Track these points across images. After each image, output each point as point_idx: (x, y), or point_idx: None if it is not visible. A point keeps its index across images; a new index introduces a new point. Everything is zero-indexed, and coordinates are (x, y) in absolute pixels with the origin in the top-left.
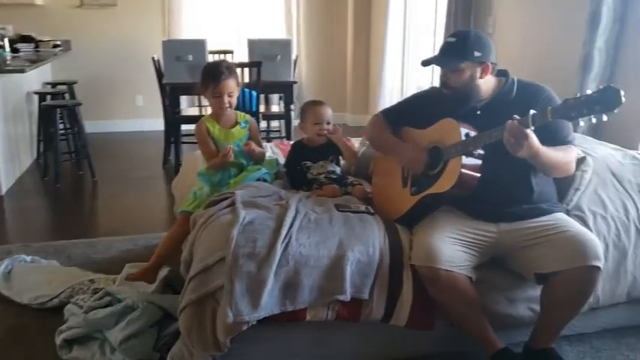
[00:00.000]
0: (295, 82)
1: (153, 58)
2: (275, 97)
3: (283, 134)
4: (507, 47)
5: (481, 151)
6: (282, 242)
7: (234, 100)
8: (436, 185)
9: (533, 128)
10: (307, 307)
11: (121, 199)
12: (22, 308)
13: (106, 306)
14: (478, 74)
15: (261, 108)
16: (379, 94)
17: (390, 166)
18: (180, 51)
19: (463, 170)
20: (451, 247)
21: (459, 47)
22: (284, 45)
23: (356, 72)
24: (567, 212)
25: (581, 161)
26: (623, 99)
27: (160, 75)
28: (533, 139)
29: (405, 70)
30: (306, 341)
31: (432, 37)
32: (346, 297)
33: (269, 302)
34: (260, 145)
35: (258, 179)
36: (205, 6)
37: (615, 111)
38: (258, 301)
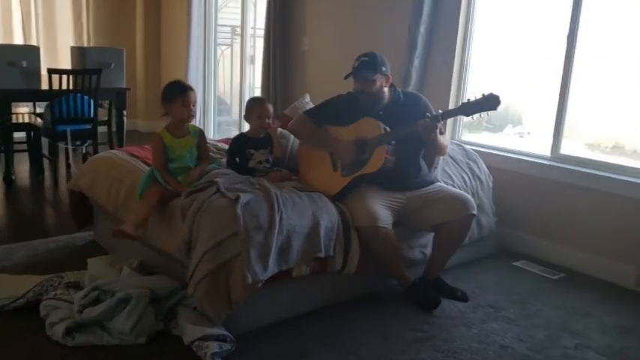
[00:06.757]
0: (129, 89)
1: None
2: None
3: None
4: (321, 63)
5: (393, 142)
6: (277, 216)
7: (195, 110)
8: (367, 167)
9: (442, 122)
10: (294, 266)
11: None
12: None
13: (96, 300)
14: (384, 84)
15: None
16: None
17: (317, 156)
18: (12, 56)
19: (386, 155)
20: (383, 211)
21: (372, 64)
22: (117, 53)
23: (147, 81)
24: None
25: None
26: (500, 101)
27: None
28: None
29: (207, 81)
30: (288, 295)
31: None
32: (322, 254)
33: (272, 264)
34: (206, 152)
35: None
36: None
37: (496, 109)
38: (267, 264)
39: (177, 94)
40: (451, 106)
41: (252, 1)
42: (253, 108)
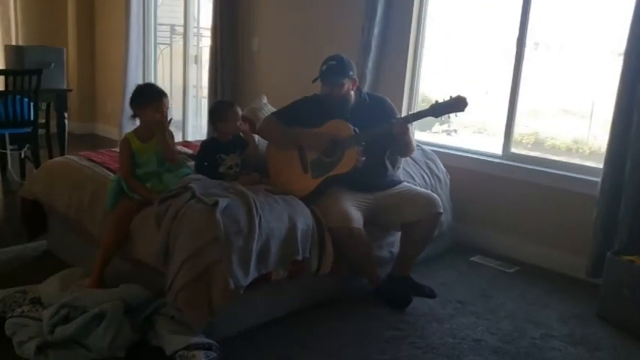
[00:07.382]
0: (70, 90)
1: None
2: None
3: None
4: (272, 65)
5: (363, 143)
6: (257, 219)
7: (168, 115)
8: (337, 168)
9: (412, 123)
10: (272, 270)
11: None
12: None
13: (66, 318)
14: (351, 87)
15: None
16: (123, 105)
17: (286, 158)
18: None
19: (357, 156)
20: (355, 211)
21: (340, 68)
22: (57, 53)
23: (81, 81)
24: None
25: None
26: (468, 103)
27: None
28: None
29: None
30: (267, 299)
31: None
32: (300, 257)
33: (253, 269)
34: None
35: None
36: None
37: (464, 111)
38: (248, 269)
39: (152, 100)
40: (404, 108)
41: None
42: (229, 113)
